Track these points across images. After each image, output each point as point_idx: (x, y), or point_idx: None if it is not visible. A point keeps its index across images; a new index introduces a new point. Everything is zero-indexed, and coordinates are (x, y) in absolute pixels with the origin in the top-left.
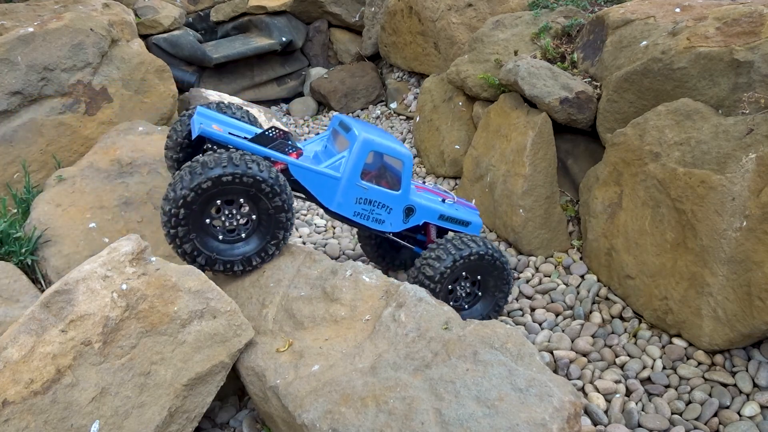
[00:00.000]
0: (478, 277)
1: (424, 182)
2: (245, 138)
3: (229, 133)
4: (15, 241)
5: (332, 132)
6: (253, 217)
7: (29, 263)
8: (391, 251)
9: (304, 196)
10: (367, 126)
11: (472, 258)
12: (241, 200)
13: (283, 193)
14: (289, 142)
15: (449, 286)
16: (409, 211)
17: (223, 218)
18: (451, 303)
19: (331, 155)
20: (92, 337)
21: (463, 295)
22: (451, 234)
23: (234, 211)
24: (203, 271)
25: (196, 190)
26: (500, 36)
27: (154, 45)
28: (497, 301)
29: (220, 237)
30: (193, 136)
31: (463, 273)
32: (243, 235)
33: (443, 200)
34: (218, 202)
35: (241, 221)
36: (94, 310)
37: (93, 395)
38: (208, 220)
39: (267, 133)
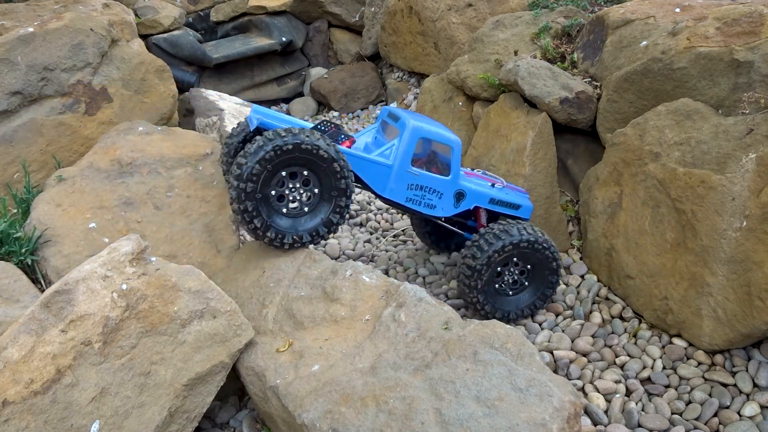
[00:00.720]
0: (528, 266)
1: (473, 169)
2: None
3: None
4: (15, 241)
5: (381, 123)
6: (315, 190)
7: (29, 263)
8: (444, 236)
9: (359, 185)
10: (415, 115)
11: (522, 245)
12: (304, 172)
13: (340, 159)
14: (341, 134)
15: (498, 269)
16: (460, 195)
17: (287, 192)
18: (496, 286)
19: (381, 145)
20: (92, 337)
21: (510, 281)
22: (506, 220)
23: (297, 185)
24: (277, 246)
25: (261, 162)
26: (500, 36)
27: (154, 45)
28: (544, 291)
29: (284, 211)
30: (251, 128)
31: (513, 259)
32: (306, 209)
33: (492, 185)
34: (283, 173)
35: (304, 196)
36: (94, 310)
37: (93, 395)
38: (273, 193)
39: (320, 126)
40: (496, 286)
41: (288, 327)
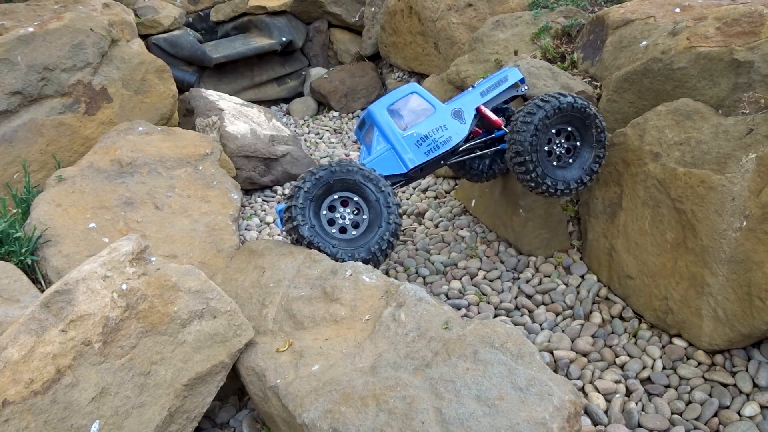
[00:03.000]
0: (570, 129)
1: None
2: None
3: None
4: (15, 241)
5: (362, 137)
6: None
7: (29, 263)
8: (498, 164)
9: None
10: (374, 104)
11: (561, 109)
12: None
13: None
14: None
15: (545, 149)
16: (457, 113)
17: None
18: (554, 164)
19: (369, 147)
20: (92, 337)
21: (563, 152)
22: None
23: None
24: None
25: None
26: (500, 36)
27: (154, 45)
28: (597, 152)
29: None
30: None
31: (554, 131)
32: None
33: (472, 86)
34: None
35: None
36: (94, 310)
37: (93, 395)
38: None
39: None
40: (552, 162)
41: (288, 327)
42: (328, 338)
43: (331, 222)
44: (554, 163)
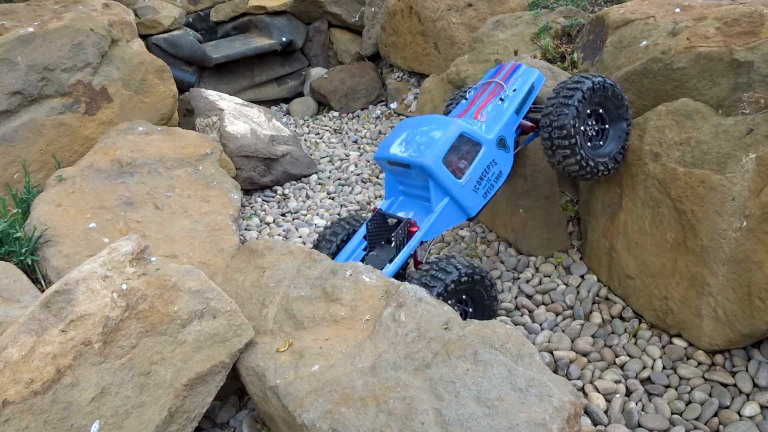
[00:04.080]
0: (600, 110)
1: (473, 89)
2: None
3: None
4: (15, 241)
5: (394, 176)
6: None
7: (29, 263)
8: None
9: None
10: (425, 155)
11: (593, 91)
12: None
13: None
14: None
15: (582, 128)
16: (501, 142)
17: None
18: (590, 144)
19: (419, 203)
20: (92, 337)
21: (594, 133)
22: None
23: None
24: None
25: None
26: (500, 36)
27: (154, 45)
28: (626, 130)
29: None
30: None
31: (587, 113)
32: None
33: (501, 99)
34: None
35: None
36: (94, 310)
37: (93, 395)
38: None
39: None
40: (588, 143)
41: (288, 327)
42: (328, 338)
43: None
44: (589, 143)
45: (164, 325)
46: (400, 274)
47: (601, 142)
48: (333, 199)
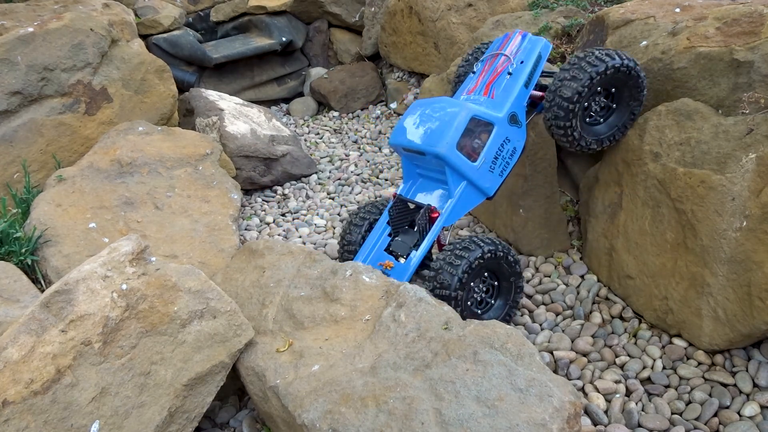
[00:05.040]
0: (613, 89)
1: (481, 62)
2: None
3: None
4: (15, 241)
5: (415, 162)
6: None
7: (29, 263)
8: None
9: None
10: (439, 143)
11: (608, 72)
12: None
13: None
14: None
15: (585, 104)
16: (513, 118)
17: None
18: (588, 120)
19: (437, 185)
20: (92, 337)
21: (598, 109)
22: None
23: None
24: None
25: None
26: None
27: (154, 45)
28: (632, 109)
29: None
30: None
31: (598, 89)
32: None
33: (509, 73)
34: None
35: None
36: (94, 310)
37: (93, 395)
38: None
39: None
40: (587, 120)
41: (288, 327)
42: (328, 338)
43: None
44: (588, 120)
45: (164, 325)
46: (427, 257)
47: (601, 120)
48: (333, 199)
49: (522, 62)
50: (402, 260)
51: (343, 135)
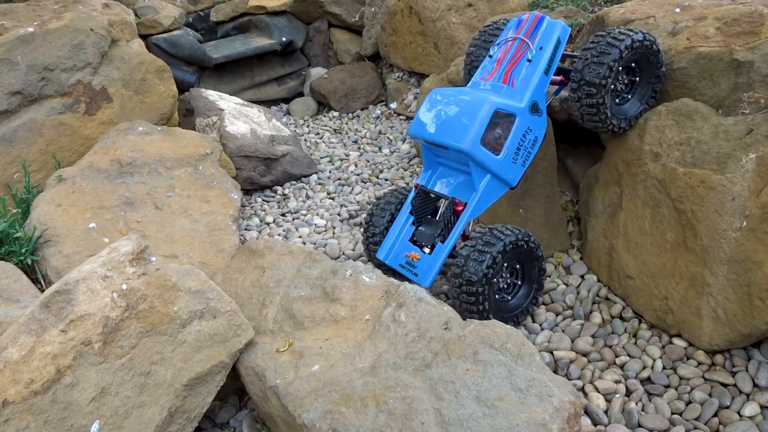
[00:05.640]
0: (633, 64)
1: (496, 47)
2: None
3: None
4: (15, 241)
5: (436, 153)
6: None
7: (29, 263)
8: None
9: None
10: (463, 139)
11: (634, 46)
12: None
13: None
14: None
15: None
16: (533, 107)
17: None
18: (617, 100)
19: (458, 174)
20: (92, 337)
21: (623, 88)
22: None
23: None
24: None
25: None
26: None
27: (154, 45)
28: (653, 86)
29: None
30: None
31: (620, 69)
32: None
33: (528, 60)
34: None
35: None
36: (94, 310)
37: (93, 395)
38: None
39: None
40: (616, 99)
41: (288, 327)
42: (328, 338)
43: None
44: (617, 100)
45: (164, 325)
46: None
47: (629, 96)
48: (333, 199)
49: (541, 48)
50: (426, 250)
51: (343, 135)
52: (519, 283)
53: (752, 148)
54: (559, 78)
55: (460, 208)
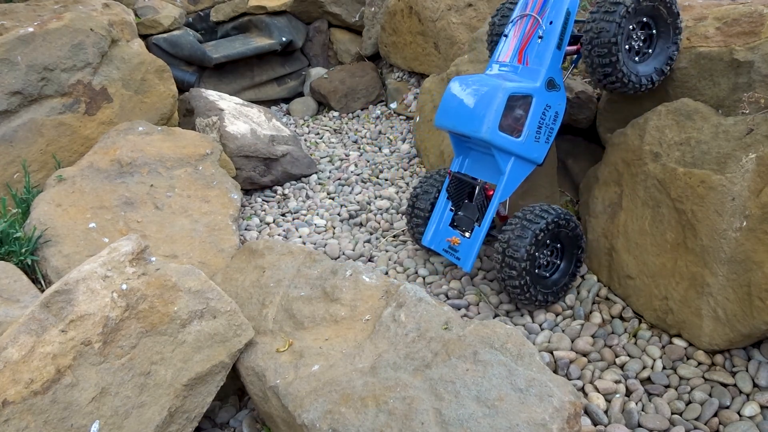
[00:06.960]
0: (646, 19)
1: (511, 23)
2: None
3: None
4: (15, 241)
5: (460, 144)
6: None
7: (29, 263)
8: None
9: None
10: (482, 127)
11: (640, 3)
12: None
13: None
14: None
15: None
16: (551, 83)
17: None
18: (634, 58)
19: (487, 157)
20: (92, 337)
21: (638, 46)
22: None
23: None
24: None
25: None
26: None
27: (154, 45)
28: (670, 54)
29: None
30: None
31: (632, 27)
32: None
33: (540, 37)
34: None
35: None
36: (94, 310)
37: (93, 395)
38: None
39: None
40: (635, 58)
41: (288, 327)
42: (328, 338)
43: None
44: (636, 58)
45: (164, 325)
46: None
47: (650, 50)
48: (333, 199)
49: (551, 23)
50: (467, 235)
51: (343, 135)
52: (559, 263)
53: (752, 148)
54: (575, 48)
55: (491, 193)
